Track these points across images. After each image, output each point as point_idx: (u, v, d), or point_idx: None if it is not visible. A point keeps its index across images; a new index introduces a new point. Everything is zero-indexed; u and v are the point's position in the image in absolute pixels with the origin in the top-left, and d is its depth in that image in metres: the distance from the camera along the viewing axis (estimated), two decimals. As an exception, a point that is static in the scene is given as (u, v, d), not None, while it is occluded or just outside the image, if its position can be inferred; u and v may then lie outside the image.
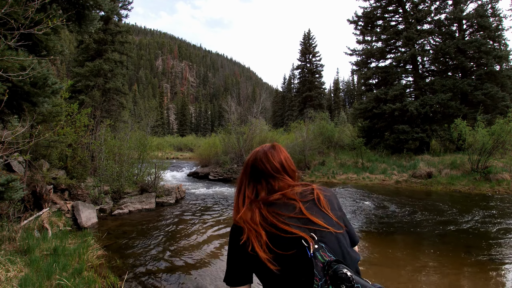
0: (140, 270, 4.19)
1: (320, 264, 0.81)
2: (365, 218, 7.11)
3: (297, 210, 0.91)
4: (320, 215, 0.91)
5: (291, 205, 0.94)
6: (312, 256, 0.82)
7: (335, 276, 0.77)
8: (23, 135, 5.39)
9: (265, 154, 1.06)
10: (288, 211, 0.92)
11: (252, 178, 1.06)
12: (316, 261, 0.81)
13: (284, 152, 1.10)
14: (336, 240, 0.89)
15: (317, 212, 0.92)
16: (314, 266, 0.81)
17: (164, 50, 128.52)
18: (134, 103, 57.15)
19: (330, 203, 0.97)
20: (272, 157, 1.06)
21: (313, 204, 0.94)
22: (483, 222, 6.55)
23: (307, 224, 0.88)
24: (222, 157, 16.15)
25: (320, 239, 0.85)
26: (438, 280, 3.94)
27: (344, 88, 67.67)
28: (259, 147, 1.14)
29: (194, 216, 7.31)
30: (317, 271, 0.80)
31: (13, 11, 3.28)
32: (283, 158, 1.07)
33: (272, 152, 1.08)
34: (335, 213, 0.95)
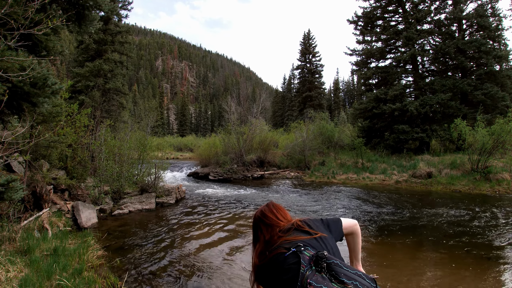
0: (140, 270, 4.19)
1: (307, 257, 1.06)
2: (365, 218, 7.10)
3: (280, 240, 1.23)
4: (300, 234, 1.22)
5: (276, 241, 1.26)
6: (290, 253, 1.10)
7: (317, 258, 1.04)
8: (23, 135, 5.38)
9: (270, 210, 1.41)
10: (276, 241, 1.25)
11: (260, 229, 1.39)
12: (303, 255, 1.07)
13: (282, 209, 1.44)
14: (318, 242, 1.17)
15: (298, 234, 1.22)
16: (301, 258, 1.05)
17: (164, 50, 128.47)
18: (134, 103, 57.13)
19: (308, 223, 1.28)
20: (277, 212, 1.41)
21: (294, 230, 1.25)
22: (483, 222, 6.55)
23: (291, 241, 1.18)
24: (222, 157, 16.14)
25: (305, 245, 1.13)
26: (438, 280, 3.94)
27: (344, 88, 67.66)
28: (261, 207, 1.46)
29: (194, 217, 7.31)
30: (303, 260, 1.05)
31: (13, 11, 3.28)
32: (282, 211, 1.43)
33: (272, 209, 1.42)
34: (313, 227, 1.26)
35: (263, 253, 1.25)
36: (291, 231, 1.25)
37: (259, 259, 1.26)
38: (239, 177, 14.90)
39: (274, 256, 1.17)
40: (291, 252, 1.11)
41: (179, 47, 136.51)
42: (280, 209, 1.42)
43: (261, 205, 1.47)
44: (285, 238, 1.21)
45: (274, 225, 1.33)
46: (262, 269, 1.21)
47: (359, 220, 6.98)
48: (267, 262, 1.19)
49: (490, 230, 5.99)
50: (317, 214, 7.59)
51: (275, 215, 1.38)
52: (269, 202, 1.48)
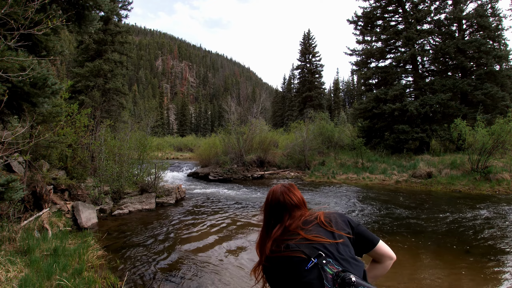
0: (140, 270, 4.19)
1: (330, 276, 0.94)
2: (365, 218, 7.10)
3: (300, 236, 1.10)
4: (322, 233, 1.09)
5: (296, 233, 1.12)
6: (311, 266, 0.98)
7: (343, 282, 0.91)
8: (23, 136, 5.38)
9: (288, 189, 1.27)
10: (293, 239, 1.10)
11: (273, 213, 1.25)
12: (325, 273, 0.95)
13: (298, 190, 1.31)
14: (340, 252, 1.04)
15: (319, 232, 1.10)
16: (324, 278, 0.94)
17: (164, 50, 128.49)
18: (134, 103, 57.14)
19: (333, 221, 1.16)
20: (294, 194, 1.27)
21: (317, 226, 1.12)
22: (483, 222, 6.55)
23: (311, 244, 1.05)
24: (222, 157, 16.14)
25: (327, 254, 1.01)
26: (439, 280, 3.93)
27: (344, 88, 67.63)
28: (276, 186, 1.31)
29: (194, 217, 7.31)
30: (327, 281, 0.93)
31: (13, 11, 3.28)
32: (301, 194, 1.29)
33: (292, 188, 1.29)
34: (337, 227, 1.13)
35: (277, 245, 1.11)
36: (313, 225, 1.12)
37: (271, 250, 1.11)
38: (239, 177, 14.90)
39: (290, 258, 1.04)
40: (312, 264, 0.98)
41: (179, 47, 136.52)
42: (301, 196, 1.28)
43: (278, 184, 1.31)
44: (305, 234, 1.08)
45: (296, 212, 1.20)
46: (273, 265, 1.09)
47: (359, 220, 6.98)
48: (280, 259, 1.07)
49: (490, 230, 5.99)
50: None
51: (301, 200, 1.24)
52: (291, 183, 1.32)
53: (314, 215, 1.18)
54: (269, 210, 1.25)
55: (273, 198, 1.25)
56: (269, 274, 1.11)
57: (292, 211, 1.20)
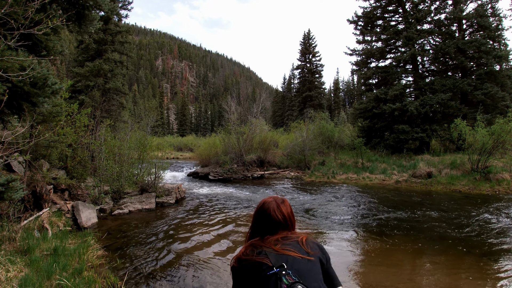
0: (140, 270, 4.19)
1: (284, 286, 1.02)
2: (365, 218, 7.11)
3: (273, 248, 1.17)
4: (296, 249, 1.16)
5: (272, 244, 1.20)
6: (272, 273, 1.06)
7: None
8: (23, 135, 5.39)
9: (278, 207, 1.30)
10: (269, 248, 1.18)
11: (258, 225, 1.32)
12: (281, 283, 1.03)
13: (289, 207, 1.35)
14: (306, 266, 1.12)
15: (294, 247, 1.17)
16: (279, 285, 1.03)
17: (164, 50, 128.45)
18: (134, 103, 57.15)
19: (311, 245, 1.22)
20: (284, 209, 1.31)
21: (294, 243, 1.19)
22: (483, 222, 6.55)
23: (279, 255, 1.13)
24: (222, 157, 16.14)
25: (288, 267, 1.08)
26: (438, 280, 3.94)
27: (344, 88, 67.63)
28: (269, 198, 1.35)
29: (194, 216, 7.31)
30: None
31: (13, 11, 3.28)
32: (290, 212, 1.32)
33: (282, 205, 1.32)
34: (313, 251, 1.19)
35: (251, 250, 1.20)
36: (291, 241, 1.20)
37: (245, 253, 1.20)
38: (239, 177, 14.91)
39: (258, 263, 1.12)
40: (272, 272, 1.07)
41: (179, 47, 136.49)
42: (292, 213, 1.34)
43: (275, 196, 1.37)
44: (278, 247, 1.16)
45: (280, 230, 1.26)
46: (242, 268, 1.18)
47: (359, 220, 6.98)
48: (249, 263, 1.15)
49: (490, 230, 5.99)
50: (317, 214, 7.59)
51: (287, 218, 1.29)
52: (283, 198, 1.37)
53: (297, 235, 1.25)
54: (256, 219, 1.32)
55: (261, 210, 1.31)
56: (236, 275, 1.21)
57: (276, 227, 1.26)
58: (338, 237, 5.69)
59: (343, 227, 6.40)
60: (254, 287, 1.10)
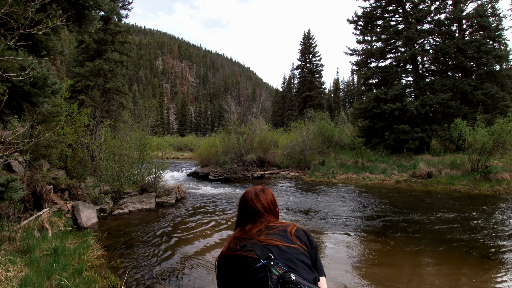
0: (140, 270, 4.19)
1: (275, 277, 0.98)
2: (365, 218, 7.11)
3: (257, 238, 1.14)
4: (280, 238, 1.13)
5: (255, 235, 1.16)
6: (259, 266, 1.02)
7: (284, 281, 0.95)
8: (23, 135, 5.39)
9: (256, 195, 1.29)
10: (251, 240, 1.15)
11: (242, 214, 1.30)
12: (271, 274, 0.99)
13: (270, 196, 1.32)
14: (293, 254, 1.08)
15: (277, 236, 1.13)
16: (269, 279, 0.98)
17: (164, 50, 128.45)
18: (134, 103, 57.11)
19: (299, 233, 1.18)
20: (262, 198, 1.29)
21: (279, 231, 1.16)
22: (483, 222, 6.55)
23: (265, 246, 1.10)
24: (222, 157, 16.14)
25: (276, 257, 1.05)
26: (438, 280, 3.94)
27: (344, 88, 67.63)
28: (250, 188, 1.34)
29: (194, 216, 7.31)
30: (271, 282, 0.97)
31: (13, 11, 3.28)
32: (270, 200, 1.30)
33: (261, 194, 1.30)
34: (299, 239, 1.15)
35: (235, 243, 1.16)
36: (276, 231, 1.16)
37: (228, 247, 1.16)
38: (239, 177, 14.90)
39: (243, 258, 1.08)
40: (260, 264, 1.03)
41: (179, 47, 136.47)
42: (274, 202, 1.31)
43: (256, 186, 1.35)
44: (262, 238, 1.12)
45: (261, 218, 1.23)
46: (227, 263, 1.13)
47: (359, 220, 6.98)
48: (234, 258, 1.11)
49: (490, 230, 5.99)
50: (317, 214, 7.58)
51: (267, 207, 1.27)
52: (264, 187, 1.35)
53: (282, 223, 1.22)
54: (239, 210, 1.32)
55: (242, 200, 1.31)
56: (221, 272, 1.15)
57: (256, 216, 1.24)
58: (338, 237, 5.69)
59: (343, 227, 6.40)
60: (242, 284, 1.05)
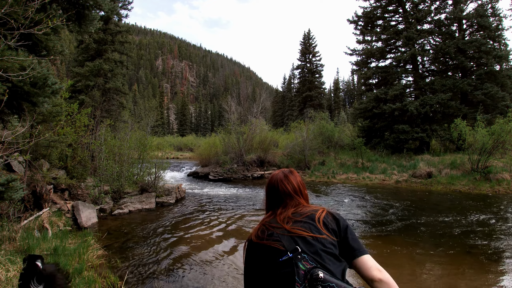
0: (140, 270, 4.19)
1: (302, 272, 0.95)
2: (365, 218, 7.10)
3: (285, 227, 1.08)
4: (308, 227, 1.07)
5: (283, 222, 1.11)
6: (285, 259, 0.98)
7: (311, 278, 0.92)
8: (23, 135, 5.39)
9: (286, 177, 1.25)
10: (278, 228, 1.10)
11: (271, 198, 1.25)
12: (298, 269, 0.95)
13: (298, 177, 1.27)
14: (320, 246, 1.02)
15: (305, 225, 1.07)
16: (296, 274, 0.95)
17: (164, 50, 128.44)
18: (134, 103, 57.09)
19: (328, 219, 1.11)
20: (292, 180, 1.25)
21: (307, 219, 1.10)
22: (483, 222, 6.55)
23: (292, 236, 1.04)
24: (222, 157, 16.14)
25: (303, 249, 1.00)
26: (438, 280, 3.94)
27: (344, 88, 67.62)
28: (277, 171, 1.29)
29: (194, 216, 7.31)
30: (298, 277, 0.94)
31: (13, 11, 3.28)
32: (299, 182, 1.26)
33: (290, 175, 1.26)
34: (327, 228, 1.08)
35: (263, 231, 1.11)
36: (304, 217, 1.10)
37: (256, 235, 1.12)
38: (239, 177, 14.91)
39: (269, 248, 1.04)
40: (287, 257, 0.99)
41: (179, 46, 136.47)
42: (303, 183, 1.26)
43: (283, 169, 1.31)
44: (289, 226, 1.07)
45: (291, 201, 1.18)
46: (254, 250, 1.09)
47: (359, 220, 6.98)
48: (261, 247, 1.07)
49: (490, 230, 5.99)
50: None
51: (297, 189, 1.22)
52: (291, 169, 1.31)
53: (311, 208, 1.15)
54: (267, 194, 1.27)
55: (270, 183, 1.26)
56: (248, 258, 1.12)
57: (286, 199, 1.19)
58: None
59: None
60: (268, 275, 1.00)
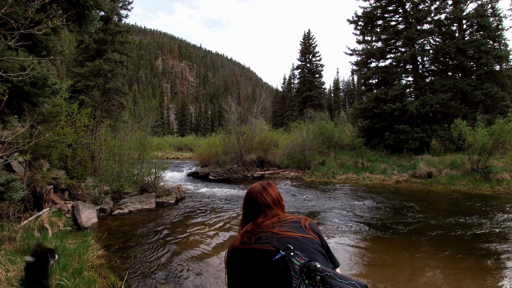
0: (140, 270, 4.19)
1: (297, 267, 0.96)
2: (365, 218, 7.10)
3: (272, 231, 1.12)
4: (295, 229, 1.12)
5: (268, 228, 1.15)
6: (279, 258, 1.00)
7: (308, 270, 0.93)
8: (23, 135, 5.39)
9: (264, 189, 1.30)
10: (266, 232, 1.13)
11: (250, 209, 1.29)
12: (293, 265, 0.96)
13: (276, 189, 1.34)
14: (310, 244, 1.07)
15: (292, 228, 1.13)
16: (292, 269, 0.96)
17: (164, 50, 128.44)
18: (134, 103, 57.07)
19: (312, 225, 1.19)
20: (270, 192, 1.31)
21: (292, 223, 1.16)
22: (483, 222, 6.55)
23: (282, 238, 1.08)
24: (222, 157, 16.14)
25: (295, 247, 1.03)
26: (438, 280, 3.94)
27: (344, 88, 67.62)
28: (255, 184, 1.35)
29: (194, 216, 7.31)
30: (294, 272, 0.95)
31: (13, 11, 3.28)
32: (277, 193, 1.33)
33: (268, 187, 1.32)
34: (313, 231, 1.15)
35: (248, 237, 1.12)
36: (289, 222, 1.15)
37: (241, 241, 1.13)
38: (239, 177, 14.91)
39: (259, 251, 1.05)
40: (280, 256, 1.00)
41: (179, 47, 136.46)
42: (280, 196, 1.32)
43: (260, 181, 1.36)
44: (277, 230, 1.11)
45: (270, 212, 1.23)
46: (241, 257, 1.09)
47: (359, 220, 6.97)
48: (248, 251, 1.07)
49: (490, 230, 5.99)
50: (317, 214, 7.58)
51: (275, 200, 1.27)
52: (268, 181, 1.36)
53: (294, 216, 1.22)
54: (245, 207, 1.30)
55: (248, 196, 1.30)
56: (234, 266, 1.12)
57: (266, 209, 1.24)
58: (338, 238, 5.69)
59: (343, 227, 6.40)
60: (260, 278, 1.01)
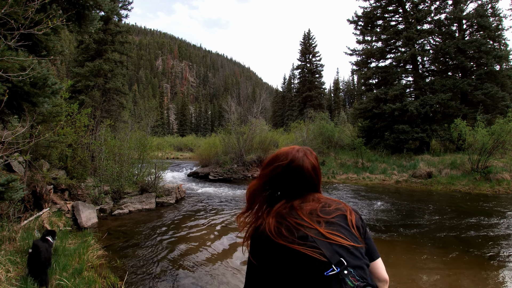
0: (140, 270, 4.19)
1: None
2: (365, 218, 7.10)
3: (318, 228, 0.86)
4: (345, 232, 0.87)
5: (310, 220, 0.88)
6: (329, 275, 0.78)
7: None
8: (23, 135, 5.38)
9: (307, 158, 0.96)
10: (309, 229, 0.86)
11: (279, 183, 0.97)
12: (346, 286, 0.77)
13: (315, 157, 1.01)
14: (360, 257, 0.86)
15: (341, 229, 0.87)
16: None
17: (164, 50, 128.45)
18: (134, 103, 57.06)
19: (358, 224, 0.93)
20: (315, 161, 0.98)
21: (340, 220, 0.89)
22: (483, 222, 6.55)
23: (332, 245, 0.83)
24: (222, 157, 16.13)
25: (348, 262, 0.81)
26: (438, 280, 3.94)
27: (344, 88, 67.63)
28: (289, 148, 0.99)
29: (194, 217, 7.31)
30: None
31: (13, 11, 3.28)
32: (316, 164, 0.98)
33: (311, 156, 0.99)
34: (359, 233, 0.91)
35: (288, 229, 0.86)
36: (336, 217, 0.89)
37: (278, 231, 0.86)
38: (239, 177, 14.90)
39: (308, 257, 0.81)
40: (333, 272, 0.78)
41: (179, 47, 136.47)
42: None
43: (297, 147, 0.99)
44: (323, 229, 0.85)
45: (310, 193, 0.94)
46: (275, 252, 0.85)
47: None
48: (288, 251, 0.83)
49: (490, 230, 5.99)
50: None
51: (320, 177, 0.98)
52: (307, 147, 1.02)
53: (335, 205, 0.94)
54: (279, 176, 0.95)
55: (292, 163, 0.94)
56: (264, 259, 0.88)
57: (305, 188, 0.94)
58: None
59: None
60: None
